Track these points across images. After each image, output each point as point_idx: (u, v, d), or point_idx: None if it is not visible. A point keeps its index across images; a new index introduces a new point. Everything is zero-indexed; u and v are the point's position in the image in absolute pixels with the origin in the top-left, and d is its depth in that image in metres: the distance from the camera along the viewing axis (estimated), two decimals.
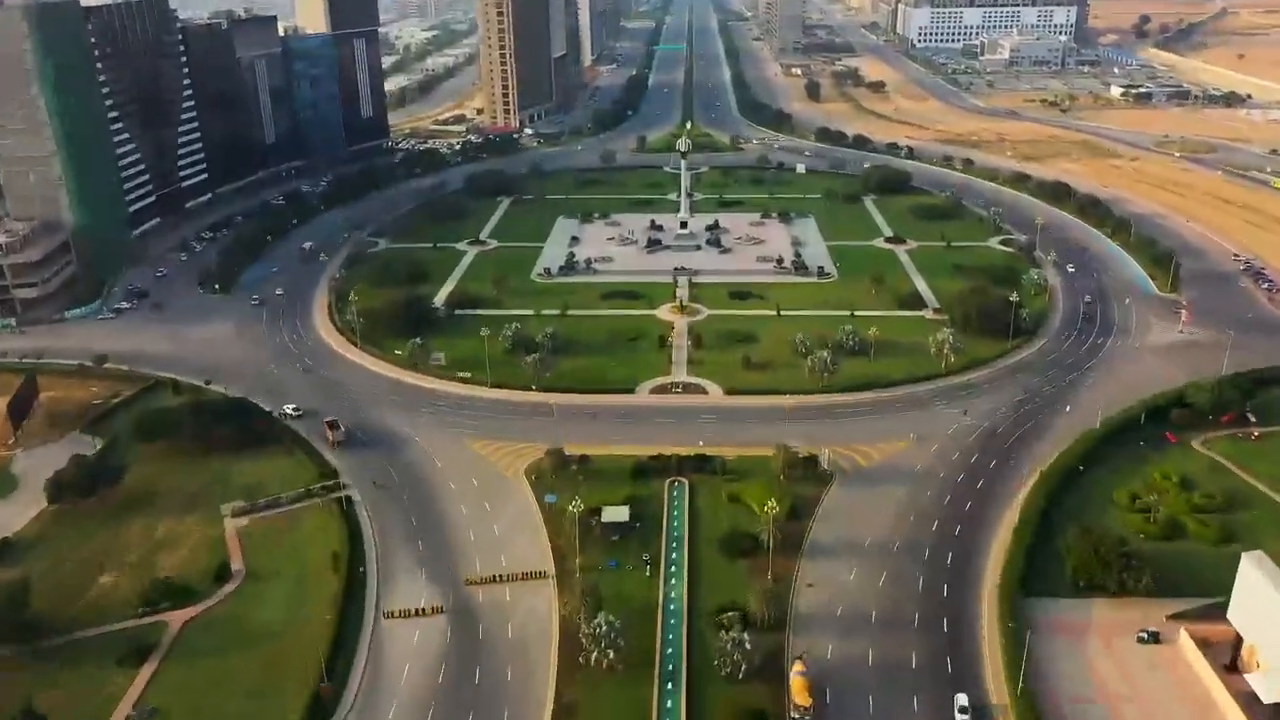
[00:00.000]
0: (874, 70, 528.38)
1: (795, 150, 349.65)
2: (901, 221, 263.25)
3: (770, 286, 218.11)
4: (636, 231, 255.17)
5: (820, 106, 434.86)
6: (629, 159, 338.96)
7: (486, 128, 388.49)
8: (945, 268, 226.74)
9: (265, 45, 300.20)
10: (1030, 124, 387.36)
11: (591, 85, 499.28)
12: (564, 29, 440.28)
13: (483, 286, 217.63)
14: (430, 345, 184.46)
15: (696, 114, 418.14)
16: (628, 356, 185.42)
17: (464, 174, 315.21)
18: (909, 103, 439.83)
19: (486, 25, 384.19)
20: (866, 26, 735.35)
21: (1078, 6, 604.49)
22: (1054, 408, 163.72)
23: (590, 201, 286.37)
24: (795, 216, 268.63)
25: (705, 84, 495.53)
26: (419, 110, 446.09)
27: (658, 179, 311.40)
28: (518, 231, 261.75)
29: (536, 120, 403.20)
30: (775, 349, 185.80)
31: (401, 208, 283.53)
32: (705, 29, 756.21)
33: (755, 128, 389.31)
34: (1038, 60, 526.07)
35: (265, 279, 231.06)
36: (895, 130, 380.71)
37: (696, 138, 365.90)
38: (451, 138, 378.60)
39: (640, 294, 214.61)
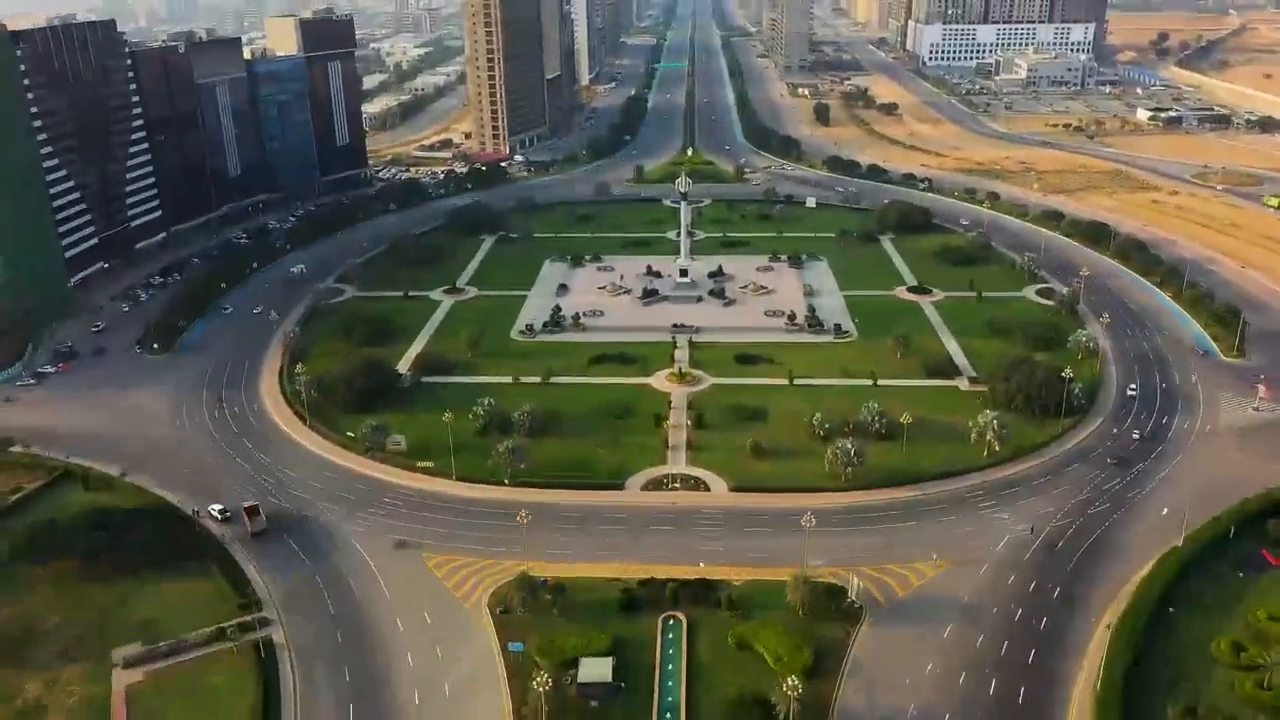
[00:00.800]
0: (884, 90, 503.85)
1: (805, 181, 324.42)
2: (924, 266, 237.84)
3: (781, 348, 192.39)
4: (630, 278, 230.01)
5: (829, 131, 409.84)
6: (625, 191, 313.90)
7: (474, 154, 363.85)
8: (978, 325, 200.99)
9: (228, 69, 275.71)
10: (1055, 151, 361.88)
11: (588, 106, 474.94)
12: (558, 48, 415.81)
13: (456, 347, 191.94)
14: (388, 427, 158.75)
15: (699, 139, 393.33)
16: (617, 438, 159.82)
17: (446, 208, 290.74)
18: (923, 127, 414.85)
19: (474, 45, 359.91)
20: (874, 43, 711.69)
21: (1096, 23, 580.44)
22: (1122, 513, 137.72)
23: (581, 241, 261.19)
24: (807, 260, 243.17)
25: (708, 105, 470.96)
26: (405, 134, 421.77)
27: (656, 214, 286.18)
28: (500, 277, 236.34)
29: (528, 146, 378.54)
30: (788, 430, 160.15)
31: (374, 247, 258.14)
32: (708, 45, 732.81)
33: (761, 154, 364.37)
34: (1056, 80, 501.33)
35: (216, 333, 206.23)
36: (910, 158, 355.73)
37: (698, 166, 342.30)
38: (436, 165, 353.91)
39: (634, 357, 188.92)
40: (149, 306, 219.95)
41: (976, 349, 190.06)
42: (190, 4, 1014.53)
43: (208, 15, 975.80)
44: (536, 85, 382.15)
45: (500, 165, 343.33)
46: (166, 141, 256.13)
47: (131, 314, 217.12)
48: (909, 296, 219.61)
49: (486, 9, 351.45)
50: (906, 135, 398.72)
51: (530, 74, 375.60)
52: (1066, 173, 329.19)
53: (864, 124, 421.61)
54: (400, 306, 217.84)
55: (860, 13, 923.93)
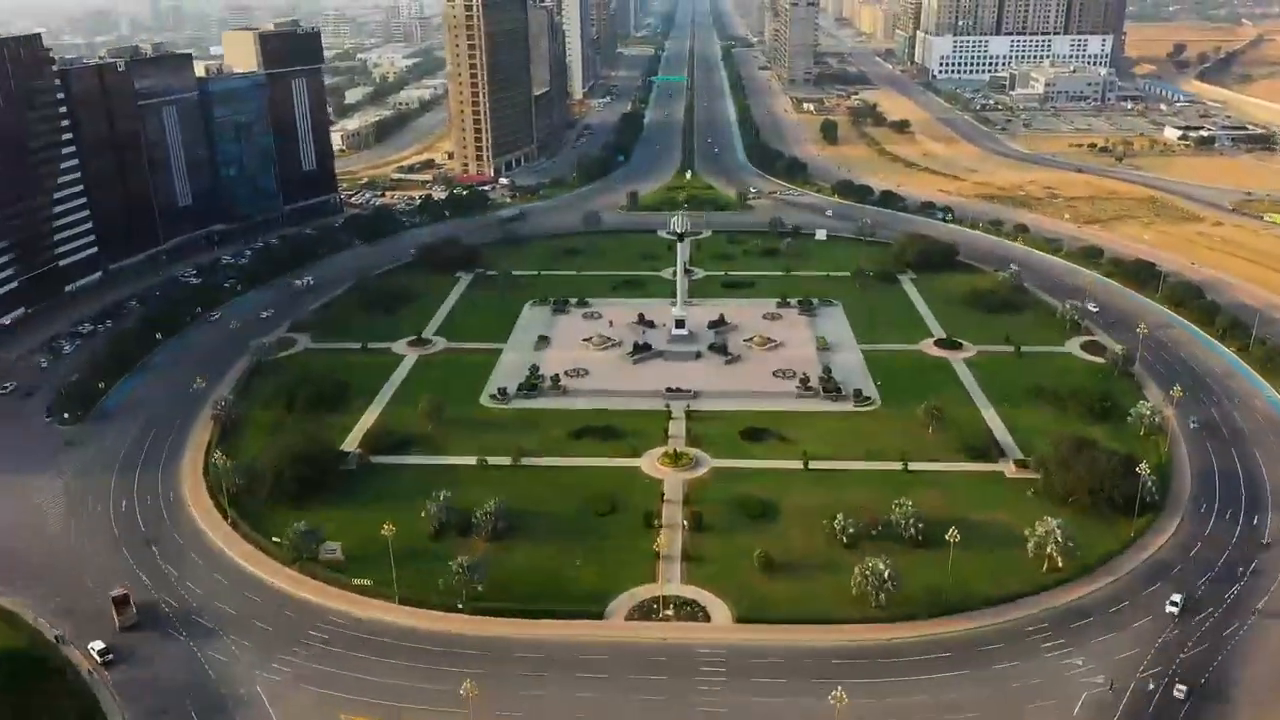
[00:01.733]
0: (893, 105, 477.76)
1: (813, 209, 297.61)
2: (952, 313, 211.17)
3: (793, 419, 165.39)
4: (620, 327, 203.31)
5: (838, 151, 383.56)
6: (617, 220, 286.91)
7: (455, 177, 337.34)
8: (1019, 388, 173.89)
9: (177, 88, 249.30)
10: (1082, 175, 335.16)
11: (581, 123, 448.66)
12: (547, 62, 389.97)
13: (415, 417, 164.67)
14: (321, 531, 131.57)
15: (698, 160, 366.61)
16: (600, 543, 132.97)
17: (421, 238, 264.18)
18: (938, 146, 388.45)
19: (455, 60, 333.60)
20: (881, 54, 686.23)
21: (1114, 35, 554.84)
22: (1228, 656, 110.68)
23: (566, 281, 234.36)
24: (819, 305, 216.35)
25: (708, 121, 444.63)
26: (386, 152, 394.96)
27: (650, 246, 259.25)
28: (473, 325, 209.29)
29: (515, 167, 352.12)
30: (804, 533, 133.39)
31: (335, 287, 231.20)
32: (708, 56, 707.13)
33: (765, 178, 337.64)
34: (1075, 95, 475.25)
35: (145, 394, 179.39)
36: (926, 182, 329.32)
37: (698, 191, 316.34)
38: (414, 190, 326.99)
39: (621, 431, 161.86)
40: (73, 361, 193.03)
41: (1021, 421, 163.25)
42: (176, 13, 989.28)
43: (195, 24, 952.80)
44: (523, 102, 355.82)
45: (483, 190, 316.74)
46: (104, 169, 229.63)
47: (51, 370, 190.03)
48: (937, 352, 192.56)
49: (469, 21, 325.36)
50: (920, 156, 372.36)
51: (517, 90, 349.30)
52: (1097, 200, 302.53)
53: (874, 143, 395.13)
54: (357, 362, 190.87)
55: (864, 23, 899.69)
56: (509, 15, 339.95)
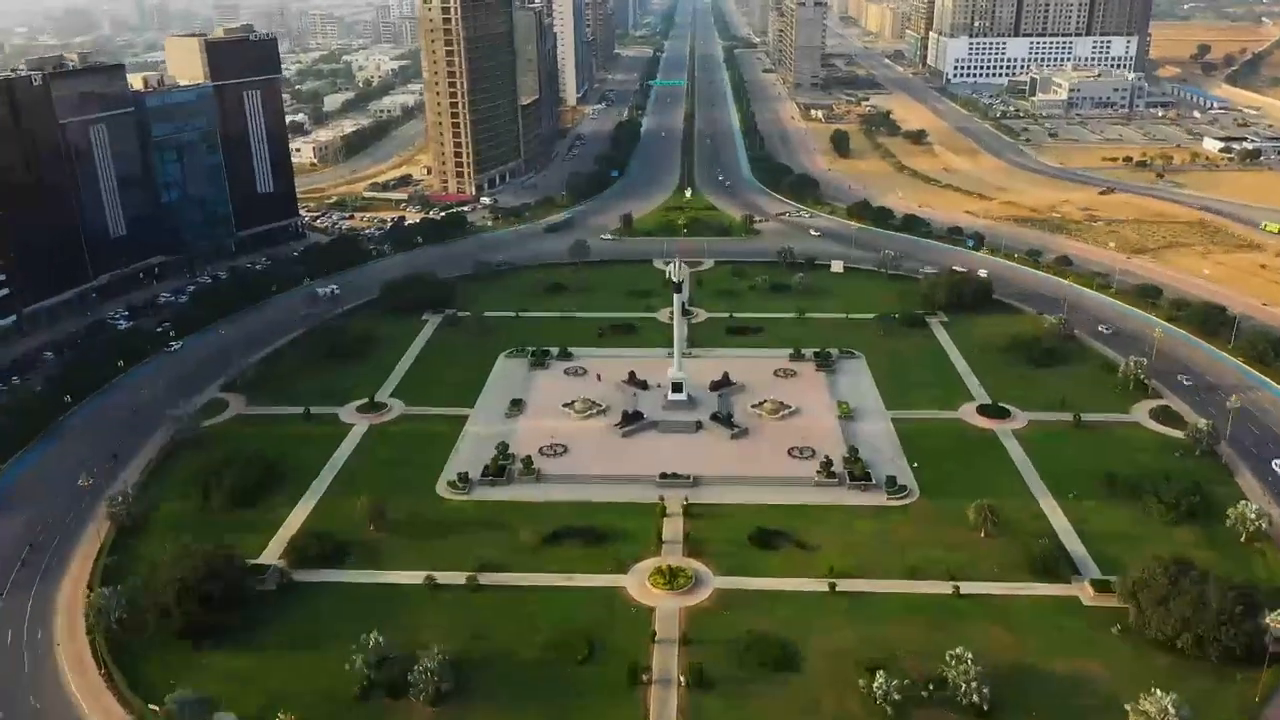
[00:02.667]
0: (907, 112, 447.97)
1: (827, 234, 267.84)
2: (992, 365, 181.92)
3: (814, 516, 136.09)
4: (607, 388, 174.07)
5: (850, 164, 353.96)
6: (609, 248, 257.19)
7: (432, 196, 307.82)
8: (1085, 474, 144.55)
9: (108, 103, 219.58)
10: (1121, 194, 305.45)
11: (573, 133, 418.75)
12: (536, 68, 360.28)
13: (353, 515, 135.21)
14: (210, 702, 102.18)
15: (698, 175, 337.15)
16: (571, 705, 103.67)
17: (389, 269, 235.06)
18: (958, 159, 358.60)
19: (432, 68, 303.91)
20: (890, 56, 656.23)
21: (1139, 37, 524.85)
22: None
23: (548, 326, 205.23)
24: (838, 357, 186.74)
25: (710, 130, 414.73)
26: (361, 165, 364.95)
27: (644, 281, 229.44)
28: (438, 384, 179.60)
29: (498, 185, 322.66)
30: (835, 694, 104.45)
31: (284, 334, 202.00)
32: (709, 57, 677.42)
33: (772, 196, 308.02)
34: (1101, 101, 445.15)
35: (41, 475, 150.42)
36: (950, 202, 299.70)
37: (699, 212, 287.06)
38: (386, 210, 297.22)
39: (605, 533, 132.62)
40: None
41: (1091, 520, 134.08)
42: (162, 12, 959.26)
43: (182, 23, 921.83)
44: (509, 113, 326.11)
45: (461, 212, 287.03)
46: (18, 197, 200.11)
47: None
48: (982, 421, 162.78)
49: (446, 25, 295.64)
50: (940, 170, 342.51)
51: (501, 100, 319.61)
52: (1142, 224, 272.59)
53: (889, 155, 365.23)
54: (296, 434, 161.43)
55: (871, 22, 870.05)
56: (492, 18, 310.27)
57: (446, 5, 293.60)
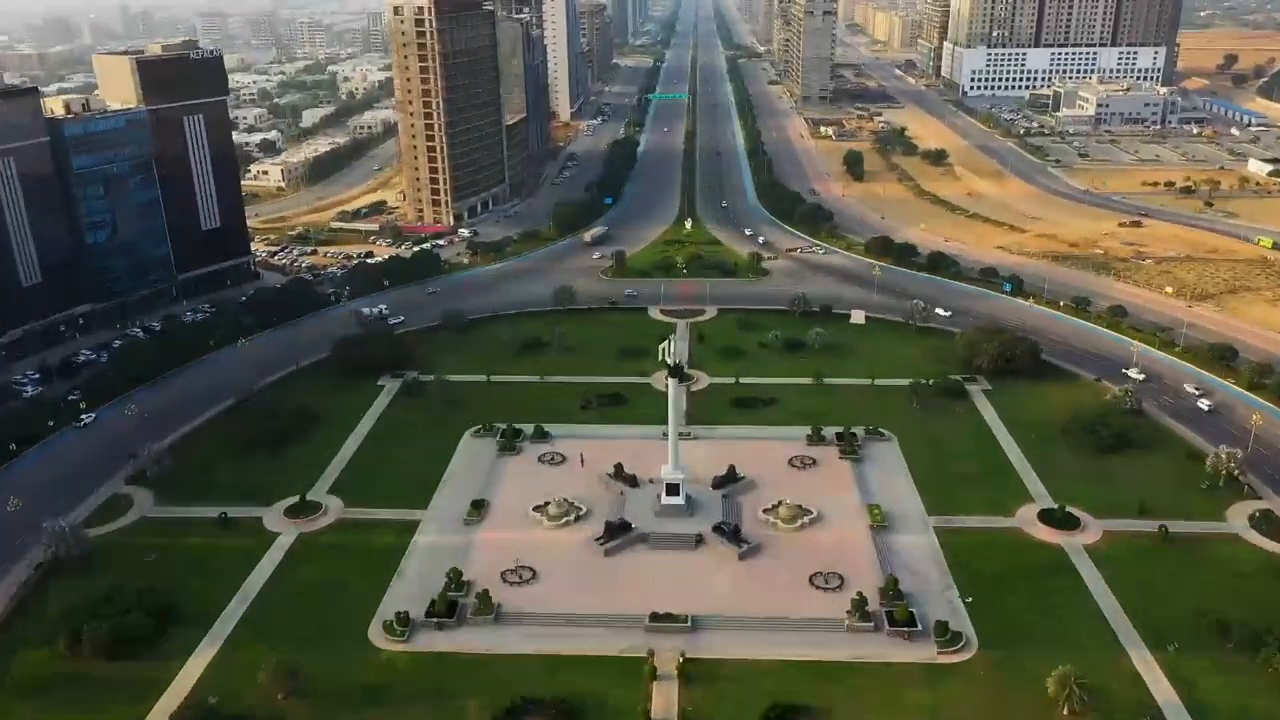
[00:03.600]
0: (923, 128, 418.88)
1: (844, 275, 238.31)
2: (1051, 452, 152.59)
3: (847, 680, 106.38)
4: (590, 484, 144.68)
5: (866, 189, 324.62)
6: (599, 290, 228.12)
7: (404, 227, 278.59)
8: (1186, 613, 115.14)
9: (16, 133, 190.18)
10: (1168, 225, 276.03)
11: (566, 152, 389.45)
12: (523, 84, 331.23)
13: (259, 677, 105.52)
14: None
15: (700, 202, 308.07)
16: None
17: (345, 320, 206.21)
18: (983, 183, 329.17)
19: (405, 86, 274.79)
20: (900, 66, 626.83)
21: (1166, 47, 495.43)
22: None
23: (523, 393, 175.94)
24: (865, 439, 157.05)
25: (713, 150, 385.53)
26: (333, 190, 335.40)
27: (638, 335, 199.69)
28: (387, 474, 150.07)
29: (482, 212, 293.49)
30: None
31: (215, 402, 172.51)
32: (712, 68, 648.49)
33: (782, 228, 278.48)
34: (1131, 118, 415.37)
35: None
36: (979, 234, 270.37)
37: (701, 247, 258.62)
38: (353, 243, 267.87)
39: (575, 707, 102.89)
40: None
41: (1203, 688, 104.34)
42: (147, 19, 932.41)
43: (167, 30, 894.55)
44: (491, 134, 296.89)
45: (433, 249, 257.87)
46: None
47: None
48: (1046, 533, 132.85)
49: (420, 37, 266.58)
50: (964, 195, 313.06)
51: (483, 120, 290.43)
52: (1198, 263, 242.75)
53: (908, 179, 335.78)
54: (206, 548, 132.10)
55: (879, 30, 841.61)
56: (472, 30, 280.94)
57: (420, 16, 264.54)
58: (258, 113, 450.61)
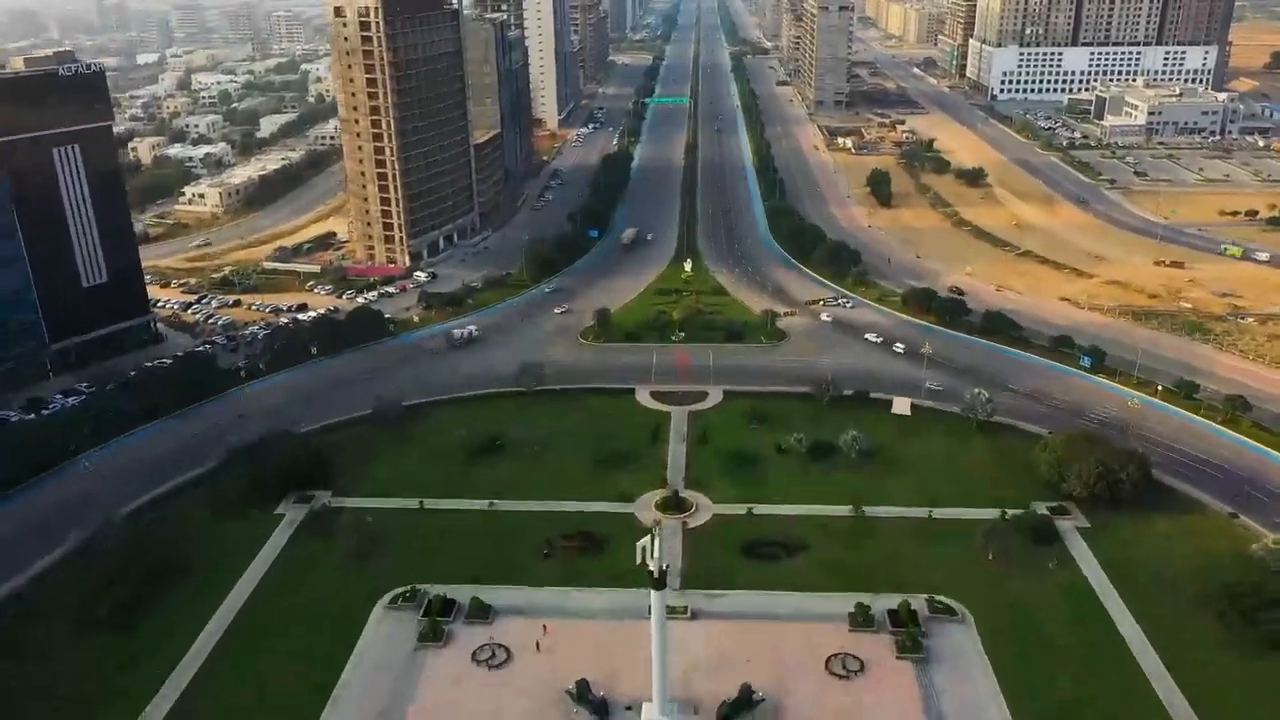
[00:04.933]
0: (952, 138, 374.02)
1: (879, 336, 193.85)
2: (1193, 644, 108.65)
3: None
4: (538, 673, 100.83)
5: (895, 217, 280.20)
6: (575, 362, 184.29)
7: (353, 270, 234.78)
8: None
9: None
10: (1259, 268, 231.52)
11: (550, 168, 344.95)
12: (498, 94, 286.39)
13: None
14: None
15: (703, 235, 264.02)
16: None
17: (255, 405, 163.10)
18: (1029, 209, 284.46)
19: (349, 102, 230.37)
20: (919, 64, 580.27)
21: (1218, 46, 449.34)
22: None
23: (466, 526, 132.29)
24: (929, 620, 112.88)
25: (716, 165, 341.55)
26: (277, 217, 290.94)
27: (622, 434, 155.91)
28: (259, 677, 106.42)
29: (445, 249, 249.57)
30: None
31: (51, 548, 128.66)
32: (715, 66, 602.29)
33: (800, 270, 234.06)
34: (1187, 127, 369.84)
35: None
36: (1036, 279, 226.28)
37: (703, 298, 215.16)
38: (285, 293, 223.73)
39: None
40: None
41: None
42: (120, 10, 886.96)
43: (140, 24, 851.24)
44: (457, 156, 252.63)
45: (383, 296, 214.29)
46: None
47: None
48: None
49: (366, 43, 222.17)
50: (1010, 226, 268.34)
51: (446, 140, 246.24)
52: None
53: (942, 203, 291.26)
54: None
55: (892, 24, 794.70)
56: (432, 33, 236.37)
57: (366, 18, 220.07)
58: (212, 120, 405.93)
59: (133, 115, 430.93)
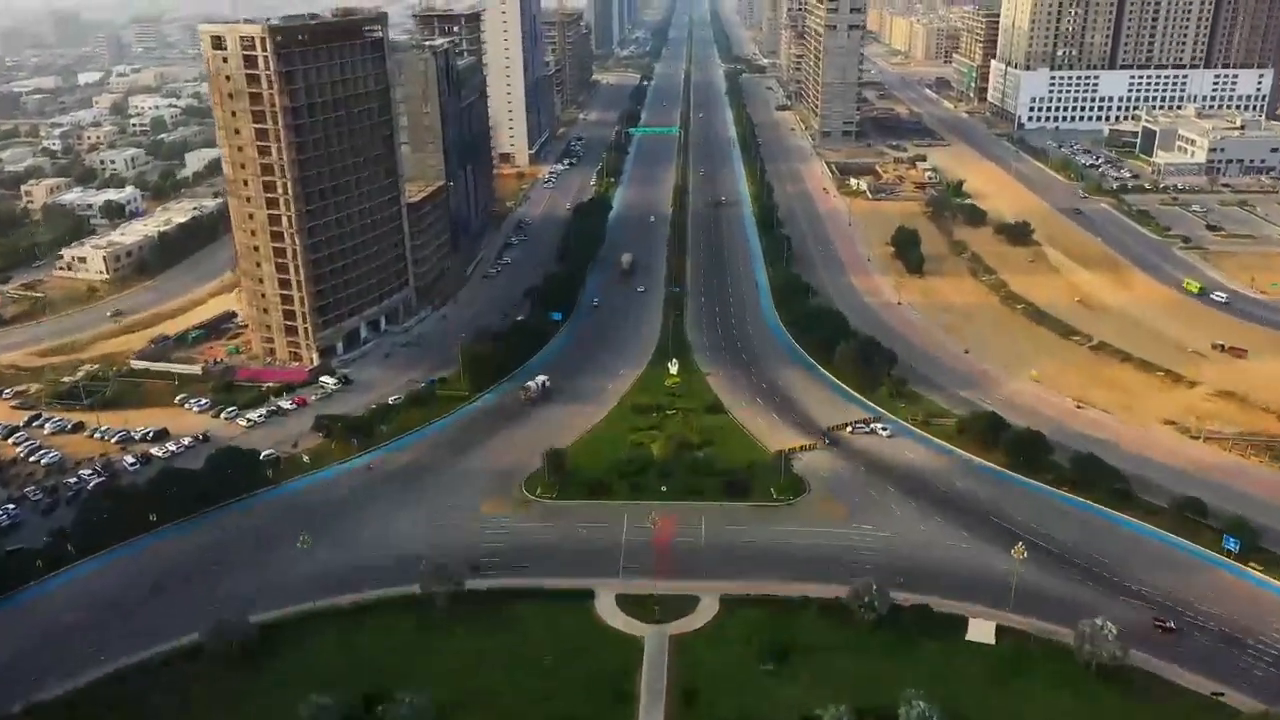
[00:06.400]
0: (979, 176, 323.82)
1: (923, 483, 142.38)
2: None
3: None
4: None
5: (928, 288, 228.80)
6: (511, 531, 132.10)
7: (244, 372, 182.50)
8: None
9: None
10: None
11: (514, 217, 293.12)
12: (441, 138, 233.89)
13: None
14: None
15: (694, 320, 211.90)
16: None
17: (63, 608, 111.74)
18: (1095, 279, 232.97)
19: (235, 159, 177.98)
20: (931, 85, 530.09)
21: (1274, 69, 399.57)
22: None
23: None
24: None
25: (710, 216, 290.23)
26: (175, 285, 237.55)
27: (570, 681, 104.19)
28: None
29: (373, 336, 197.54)
30: None
31: None
32: (709, 87, 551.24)
33: (817, 375, 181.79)
34: (1253, 166, 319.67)
35: None
36: (1127, 392, 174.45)
37: (691, 415, 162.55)
38: (150, 410, 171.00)
39: None
40: None
41: None
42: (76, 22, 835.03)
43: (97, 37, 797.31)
44: (384, 219, 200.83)
45: (272, 415, 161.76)
46: None
47: None
48: None
49: (253, 84, 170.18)
50: (1073, 303, 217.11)
51: (370, 200, 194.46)
52: None
53: (984, 268, 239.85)
54: None
55: (896, 38, 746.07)
56: (347, 69, 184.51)
57: (252, 52, 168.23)
58: (132, 154, 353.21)
59: (46, 149, 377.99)
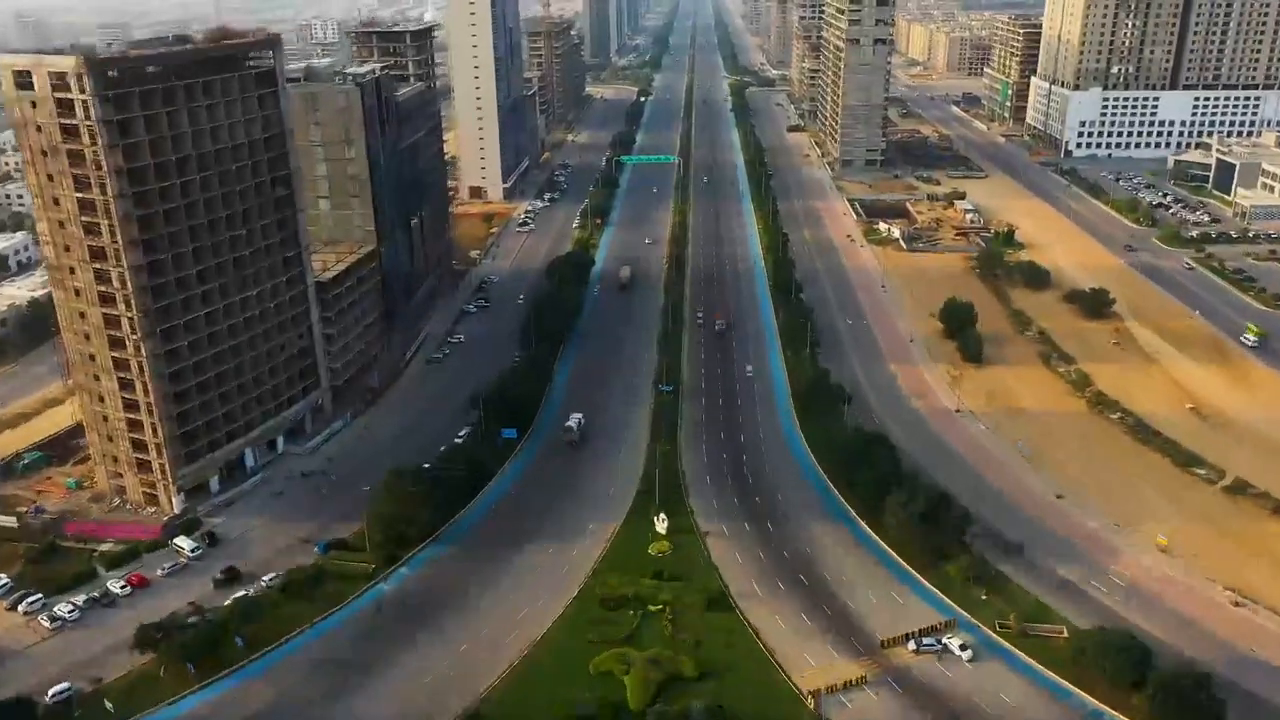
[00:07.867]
0: (1027, 216, 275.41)
1: None
2: None
3: None
4: None
5: (992, 382, 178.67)
6: None
7: (73, 527, 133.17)
8: None
9: None
10: None
11: (478, 274, 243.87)
12: (370, 187, 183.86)
13: None
14: None
15: (691, 440, 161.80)
16: None
17: None
18: (1202, 373, 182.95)
19: (56, 238, 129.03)
20: (958, 101, 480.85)
21: None
22: None
23: None
24: None
25: (715, 276, 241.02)
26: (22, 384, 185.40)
27: None
28: None
29: (268, 459, 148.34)
30: None
31: None
32: (712, 104, 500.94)
33: (858, 541, 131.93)
34: None
35: None
36: (1254, 550, 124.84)
37: (683, 623, 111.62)
38: None
39: None
40: None
41: None
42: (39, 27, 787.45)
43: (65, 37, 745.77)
44: (283, 308, 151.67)
45: (103, 602, 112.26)
46: None
47: None
48: None
49: (70, 138, 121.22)
50: (1183, 410, 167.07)
51: (257, 284, 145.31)
52: None
53: (1056, 352, 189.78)
54: None
55: (914, 47, 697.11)
56: (213, 111, 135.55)
57: (67, 96, 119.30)
58: None
59: None
